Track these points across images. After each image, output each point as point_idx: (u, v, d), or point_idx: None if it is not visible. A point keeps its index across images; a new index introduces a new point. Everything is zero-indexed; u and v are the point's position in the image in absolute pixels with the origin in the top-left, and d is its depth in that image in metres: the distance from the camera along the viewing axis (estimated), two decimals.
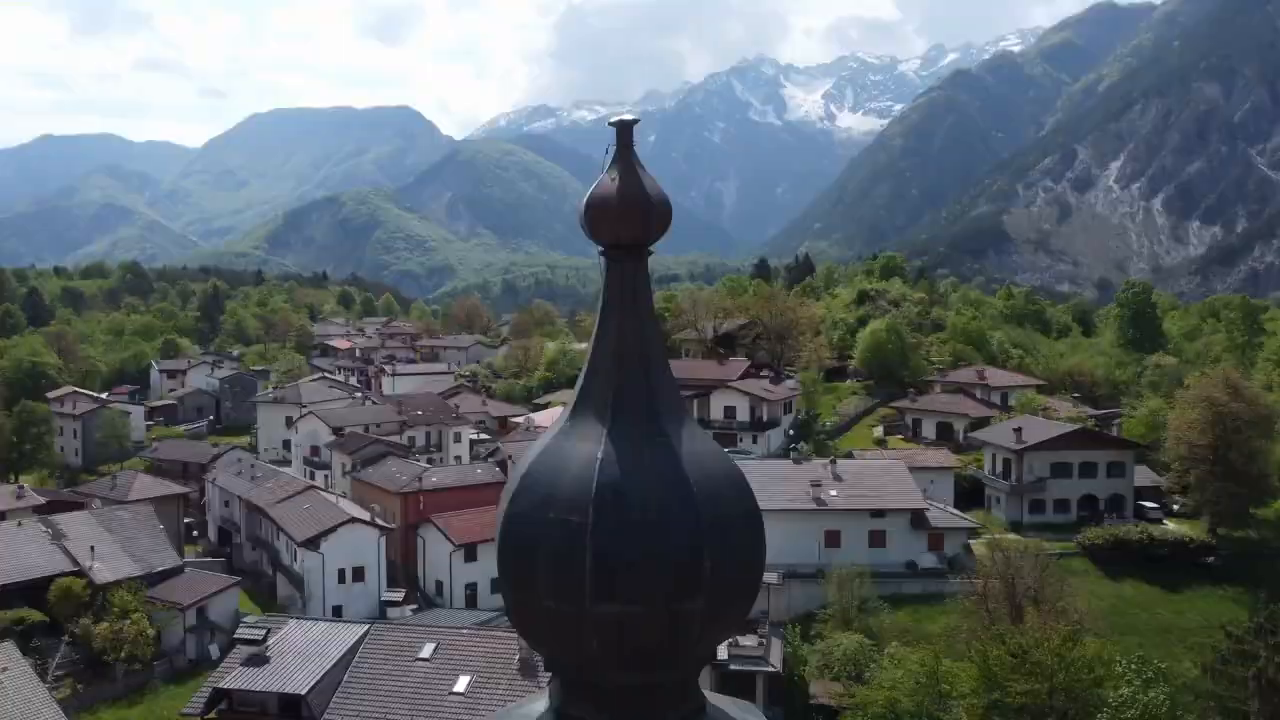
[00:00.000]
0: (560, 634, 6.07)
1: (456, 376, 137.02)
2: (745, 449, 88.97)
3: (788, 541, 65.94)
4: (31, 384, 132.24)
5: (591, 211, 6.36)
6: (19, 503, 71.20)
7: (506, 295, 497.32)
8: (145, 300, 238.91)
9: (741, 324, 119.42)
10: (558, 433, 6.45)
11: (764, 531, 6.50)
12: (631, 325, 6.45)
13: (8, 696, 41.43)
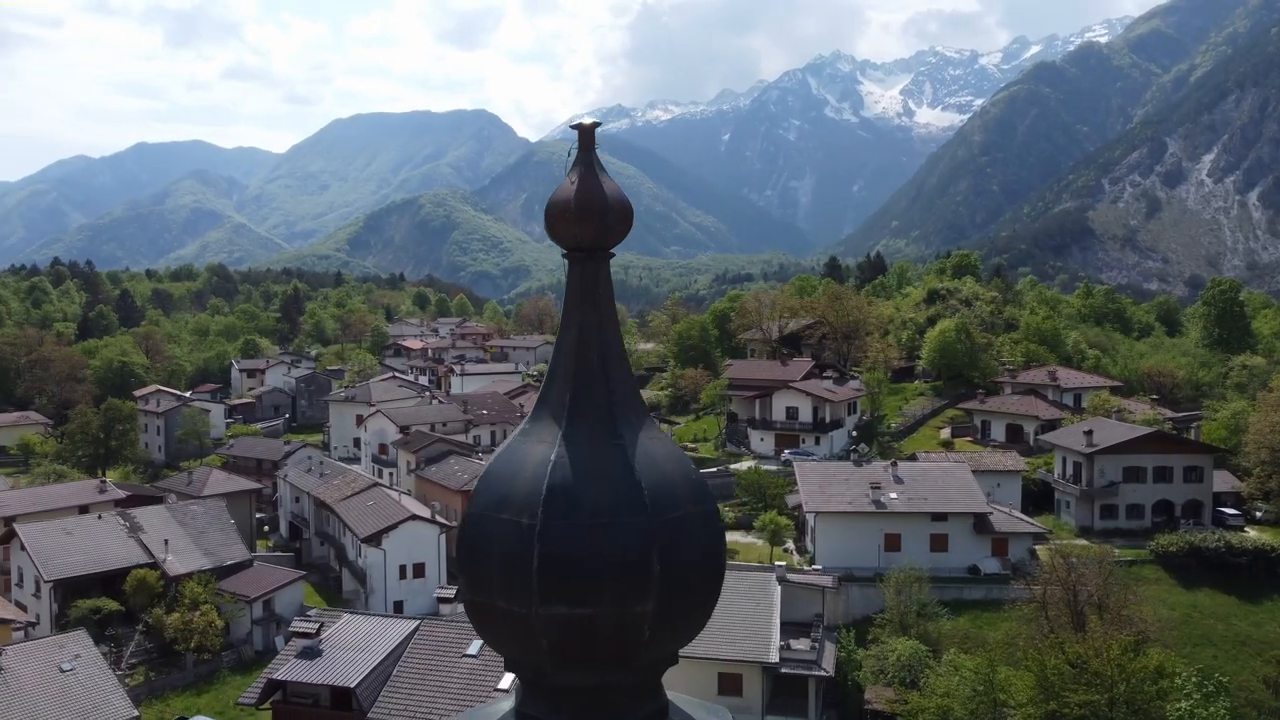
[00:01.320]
0: (513, 634, 6.10)
1: (524, 376, 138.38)
2: (807, 450, 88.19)
3: (846, 544, 65.39)
4: (120, 382, 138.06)
5: (550, 215, 6.44)
6: (101, 497, 74.20)
7: None
8: (230, 301, 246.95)
9: (807, 324, 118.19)
10: (518, 434, 6.55)
11: (721, 535, 6.50)
12: (591, 328, 6.48)
13: (79, 682, 43.26)
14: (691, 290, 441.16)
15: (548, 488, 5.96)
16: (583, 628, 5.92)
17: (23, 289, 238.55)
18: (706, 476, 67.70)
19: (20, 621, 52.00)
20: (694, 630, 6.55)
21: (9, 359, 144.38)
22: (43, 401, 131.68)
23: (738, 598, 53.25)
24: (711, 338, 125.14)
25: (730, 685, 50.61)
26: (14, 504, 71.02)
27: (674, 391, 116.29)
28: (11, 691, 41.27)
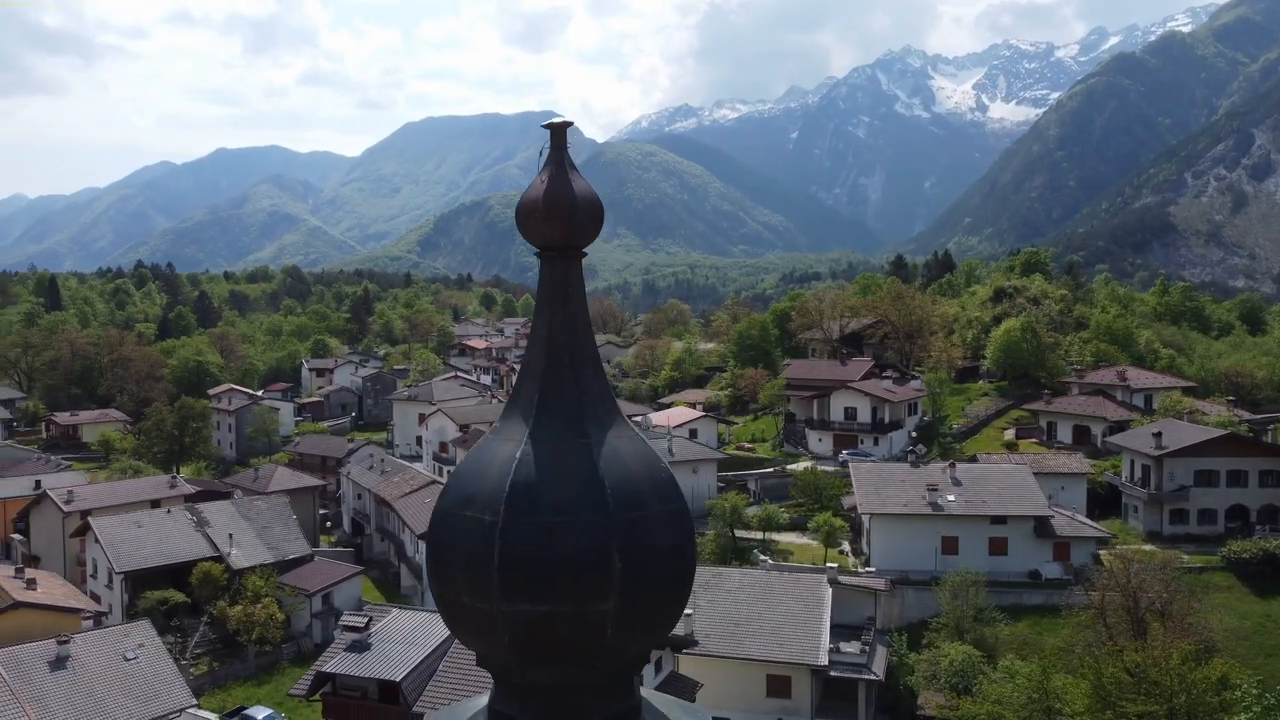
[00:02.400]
0: (479, 631, 6.16)
1: None
2: (866, 451, 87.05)
3: (901, 547, 64.38)
4: (196, 381, 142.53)
5: (520, 214, 6.47)
6: (171, 492, 76.63)
7: (646, 295, 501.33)
8: (303, 302, 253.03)
9: (869, 323, 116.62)
10: (490, 432, 6.65)
11: (690, 535, 6.42)
12: (561, 327, 6.50)
13: (141, 671, 44.76)
14: (758, 290, 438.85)
15: (510, 485, 5.98)
16: (544, 625, 5.92)
17: (108, 291, 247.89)
18: (762, 476, 67.34)
19: (89, 611, 53.95)
20: (662, 630, 6.52)
21: (92, 358, 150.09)
22: (123, 399, 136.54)
23: (788, 599, 52.91)
24: (772, 337, 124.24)
25: (779, 687, 50.29)
26: (90, 498, 73.72)
27: (733, 391, 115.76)
28: (78, 678, 42.88)
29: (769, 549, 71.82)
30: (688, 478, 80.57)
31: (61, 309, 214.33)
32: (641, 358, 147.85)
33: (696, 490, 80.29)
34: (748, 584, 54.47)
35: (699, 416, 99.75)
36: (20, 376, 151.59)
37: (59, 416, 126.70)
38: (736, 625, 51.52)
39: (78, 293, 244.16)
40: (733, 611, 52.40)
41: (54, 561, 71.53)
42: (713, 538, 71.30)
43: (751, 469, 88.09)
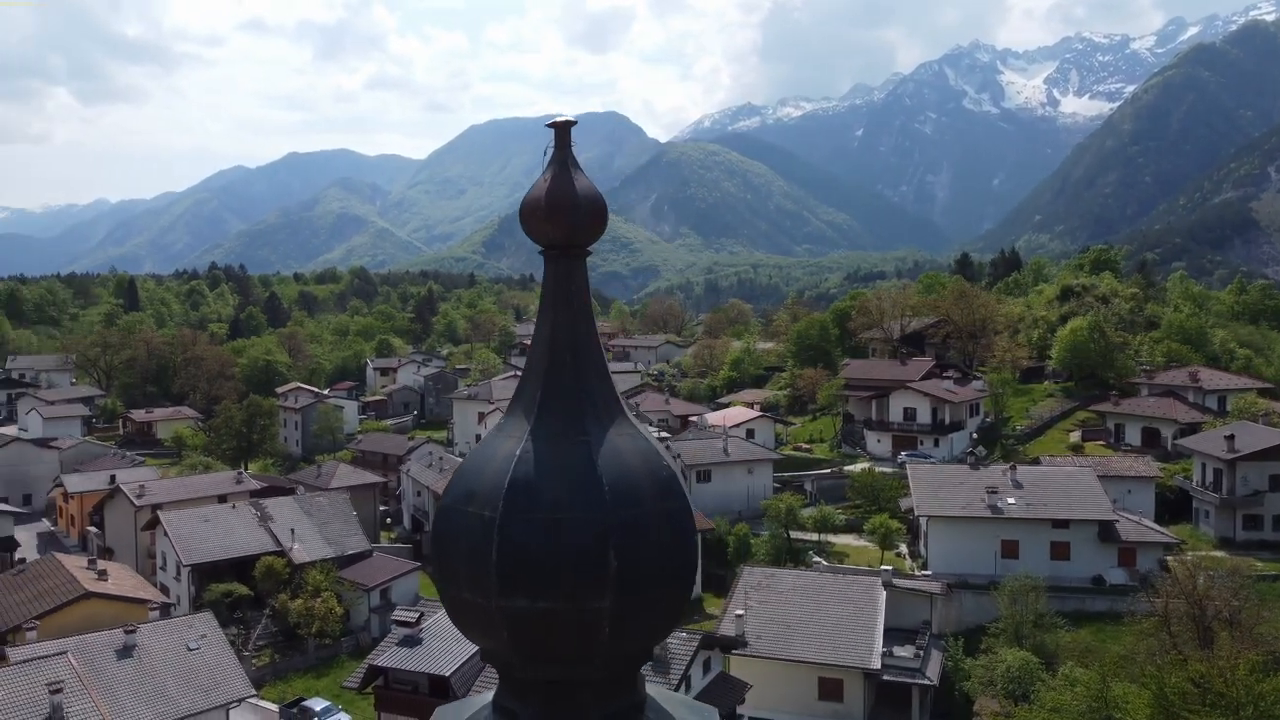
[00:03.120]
0: (479, 626, 6.26)
1: (643, 376, 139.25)
2: (925, 452, 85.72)
3: (959, 550, 63.27)
4: (265, 380, 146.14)
5: (523, 213, 6.55)
6: (237, 487, 78.67)
7: (709, 294, 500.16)
8: (369, 303, 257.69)
9: (931, 322, 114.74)
10: (493, 430, 6.77)
11: (690, 534, 6.43)
12: (564, 325, 6.57)
13: (203, 661, 46.03)
14: (822, 289, 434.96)
15: (509, 481, 6.05)
16: (541, 621, 5.98)
17: (183, 292, 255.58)
18: (818, 477, 66.66)
19: (155, 602, 55.52)
20: (661, 628, 6.53)
21: (167, 358, 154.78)
22: (195, 397, 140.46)
23: (841, 601, 52.36)
24: (831, 337, 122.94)
25: (830, 690, 49.80)
26: (161, 493, 76.05)
27: (792, 391, 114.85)
28: (143, 666, 44.26)
29: (824, 550, 71.17)
30: (743, 478, 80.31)
31: (139, 310, 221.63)
32: (700, 357, 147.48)
33: (752, 490, 79.97)
34: (800, 585, 54.02)
35: (756, 416, 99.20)
36: (100, 375, 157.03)
37: (135, 414, 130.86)
38: (788, 627, 51.13)
39: (155, 294, 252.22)
40: (785, 613, 52.02)
41: (127, 553, 73.95)
42: (767, 539, 70.85)
43: (808, 470, 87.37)
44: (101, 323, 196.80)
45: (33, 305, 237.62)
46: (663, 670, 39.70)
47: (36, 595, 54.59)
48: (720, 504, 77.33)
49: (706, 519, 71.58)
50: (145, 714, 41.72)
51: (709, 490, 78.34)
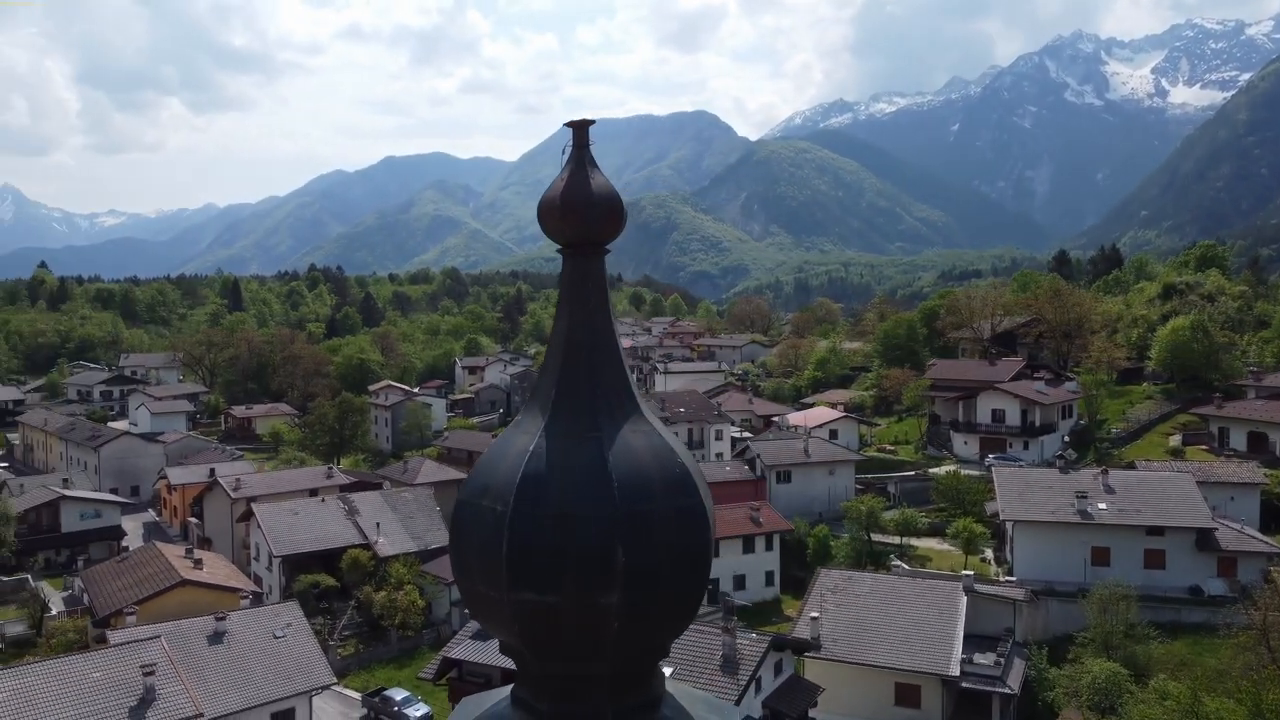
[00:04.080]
0: (493, 619, 6.40)
1: (726, 375, 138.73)
2: (1014, 455, 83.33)
3: (1047, 556, 61.37)
4: (359, 378, 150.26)
5: (540, 212, 6.67)
6: (327, 482, 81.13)
7: (799, 294, 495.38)
8: (460, 303, 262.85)
9: (1023, 322, 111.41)
10: (511, 425, 6.95)
11: (704, 532, 6.42)
12: (580, 323, 6.67)
13: (288, 648, 47.61)
14: (915, 288, 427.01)
15: (521, 477, 6.15)
16: (550, 615, 6.07)
17: (283, 293, 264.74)
18: (902, 479, 65.44)
19: (246, 591, 57.70)
20: (673, 626, 6.56)
21: (267, 356, 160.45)
22: (292, 394, 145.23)
23: (920, 606, 51.31)
24: (919, 336, 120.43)
25: (907, 696, 48.84)
26: (255, 486, 78.93)
27: (878, 392, 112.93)
28: (232, 652, 46.02)
29: (906, 554, 69.83)
30: (824, 479, 79.35)
31: (243, 310, 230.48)
32: (785, 357, 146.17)
33: (833, 492, 78.95)
34: (879, 589, 53.12)
35: (839, 417, 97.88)
36: (205, 372, 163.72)
37: (236, 410, 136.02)
38: (865, 631, 50.33)
39: (257, 294, 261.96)
40: (861, 617, 51.22)
41: (224, 544, 76.96)
42: (847, 541, 69.87)
43: (892, 472, 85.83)
44: (207, 322, 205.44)
45: (145, 306, 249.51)
46: (731, 670, 39.54)
47: (137, 581, 57.29)
48: (800, 505, 76.58)
49: (785, 520, 71.03)
50: (232, 698, 43.37)
51: (788, 491, 77.65)
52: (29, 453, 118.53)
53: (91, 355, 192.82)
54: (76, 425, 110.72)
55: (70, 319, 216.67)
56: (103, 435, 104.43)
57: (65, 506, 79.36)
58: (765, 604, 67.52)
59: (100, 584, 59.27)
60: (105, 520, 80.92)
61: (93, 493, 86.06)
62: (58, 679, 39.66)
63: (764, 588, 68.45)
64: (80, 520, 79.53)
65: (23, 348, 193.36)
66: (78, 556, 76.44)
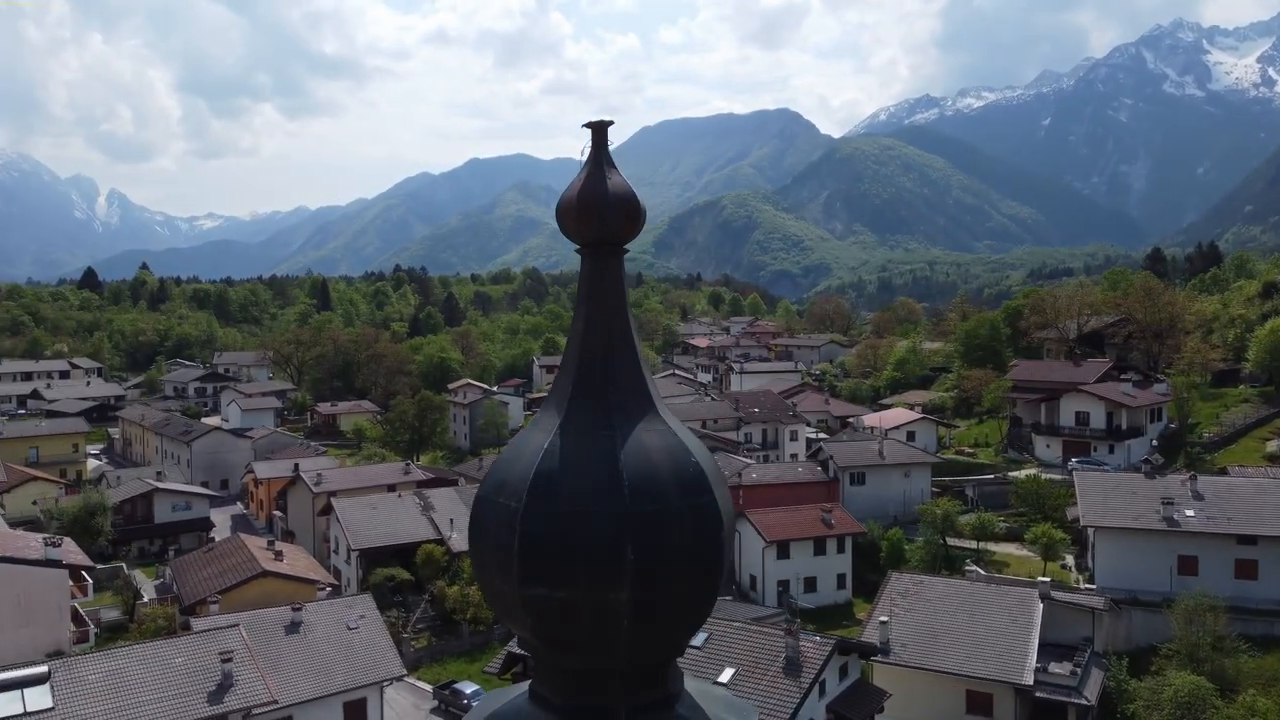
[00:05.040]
0: (508, 613, 6.55)
1: (803, 375, 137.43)
2: (1099, 459, 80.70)
3: (1130, 564, 59.38)
4: (440, 376, 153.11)
5: (558, 212, 6.80)
6: (405, 478, 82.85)
7: (882, 293, 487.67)
8: (540, 303, 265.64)
9: (1111, 321, 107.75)
10: (530, 423, 7.16)
11: (716, 530, 6.43)
12: (597, 322, 6.78)
13: (361, 640, 48.77)
14: (1002, 287, 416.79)
15: (534, 474, 6.26)
16: (560, 610, 6.18)
17: (369, 293, 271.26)
18: (980, 483, 63.99)
19: (324, 583, 59.26)
20: (686, 624, 6.61)
21: (352, 354, 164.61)
22: (375, 392, 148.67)
23: (994, 612, 50.14)
24: (1002, 336, 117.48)
25: (979, 704, 47.75)
26: (336, 481, 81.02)
27: (958, 393, 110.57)
28: (307, 642, 47.35)
29: (983, 559, 68.26)
30: (899, 481, 78.06)
31: (330, 309, 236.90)
32: (864, 357, 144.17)
33: (909, 495, 77.61)
34: (951, 594, 52.06)
35: (917, 418, 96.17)
36: (293, 370, 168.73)
37: (321, 407, 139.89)
38: (936, 636, 49.37)
39: (344, 295, 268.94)
40: (933, 622, 50.26)
41: (306, 537, 79.21)
42: (921, 545, 68.62)
43: (970, 475, 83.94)
44: (296, 322, 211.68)
45: (238, 306, 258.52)
46: (794, 673, 39.19)
47: (221, 572, 59.39)
48: (874, 508, 75.48)
49: (857, 523, 70.10)
50: (305, 686, 44.61)
51: (862, 493, 76.60)
52: (128, 446, 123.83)
53: (188, 353, 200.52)
54: (171, 421, 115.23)
55: (169, 318, 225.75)
56: (195, 430, 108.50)
57: (158, 498, 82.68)
58: (837, 607, 66.77)
59: (187, 573, 61.59)
60: (195, 512, 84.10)
61: (184, 486, 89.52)
62: (144, 662, 41.34)
63: (835, 591, 67.70)
64: (172, 512, 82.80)
65: (125, 346, 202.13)
66: (169, 546, 79.66)
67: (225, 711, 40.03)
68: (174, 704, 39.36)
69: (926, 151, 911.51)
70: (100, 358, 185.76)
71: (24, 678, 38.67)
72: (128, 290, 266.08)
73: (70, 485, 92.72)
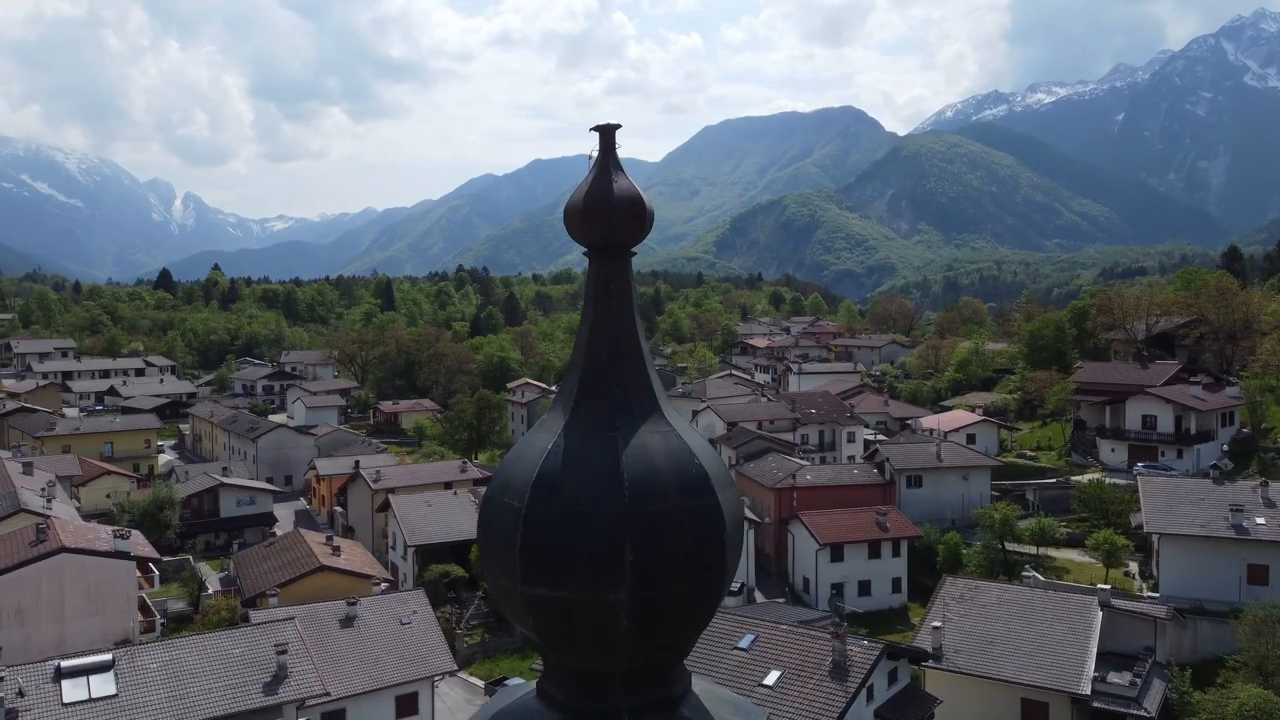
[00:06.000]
0: (513, 612, 6.71)
1: (863, 376, 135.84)
2: (1166, 464, 78.38)
3: (1196, 572, 57.65)
4: (499, 375, 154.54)
5: (565, 216, 6.95)
6: (461, 475, 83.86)
7: (948, 293, 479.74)
8: None
9: (1182, 322, 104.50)
10: (537, 424, 7.31)
11: (718, 532, 6.49)
12: (602, 324, 6.92)
13: (413, 635, 49.56)
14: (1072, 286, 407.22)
15: (538, 474, 6.41)
16: (560, 609, 6.31)
17: (432, 293, 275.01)
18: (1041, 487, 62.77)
19: (379, 578, 60.33)
20: (687, 625, 6.67)
21: (414, 353, 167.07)
22: (436, 391, 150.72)
23: (1051, 620, 49.09)
24: (1068, 337, 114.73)
25: (1034, 713, 46.74)
26: (394, 478, 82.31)
27: (1021, 395, 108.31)
28: (360, 636, 48.27)
29: (1043, 565, 66.78)
30: (957, 485, 76.77)
31: (394, 309, 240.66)
32: (926, 358, 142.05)
33: (967, 498, 76.28)
34: (1006, 600, 51.07)
35: (978, 421, 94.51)
36: (357, 369, 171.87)
37: (383, 405, 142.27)
38: (990, 643, 48.48)
39: (408, 295, 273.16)
40: (987, 628, 49.37)
41: (365, 533, 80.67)
42: (979, 549, 67.37)
43: (1031, 478, 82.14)
44: (361, 321, 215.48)
45: (305, 305, 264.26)
46: (840, 677, 38.80)
47: (281, 566, 60.79)
48: (930, 511, 74.34)
49: (913, 526, 69.13)
50: (358, 680, 45.48)
51: (918, 496, 75.47)
52: (198, 442, 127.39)
53: (257, 352, 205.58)
54: (238, 418, 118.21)
55: (239, 318, 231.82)
56: (260, 427, 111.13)
57: (224, 493, 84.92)
58: (891, 611, 65.92)
59: (249, 566, 63.19)
60: (259, 507, 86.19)
61: (248, 481, 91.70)
62: (203, 652, 42.49)
63: (890, 595, 66.84)
64: (236, 507, 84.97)
65: (197, 344, 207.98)
66: (234, 540, 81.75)
67: (279, 702, 40.97)
68: (230, 693, 40.40)
69: (994, 149, 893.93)
70: (173, 356, 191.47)
71: (90, 665, 40.06)
72: (200, 290, 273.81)
73: (142, 480, 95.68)
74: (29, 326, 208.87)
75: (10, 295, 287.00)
